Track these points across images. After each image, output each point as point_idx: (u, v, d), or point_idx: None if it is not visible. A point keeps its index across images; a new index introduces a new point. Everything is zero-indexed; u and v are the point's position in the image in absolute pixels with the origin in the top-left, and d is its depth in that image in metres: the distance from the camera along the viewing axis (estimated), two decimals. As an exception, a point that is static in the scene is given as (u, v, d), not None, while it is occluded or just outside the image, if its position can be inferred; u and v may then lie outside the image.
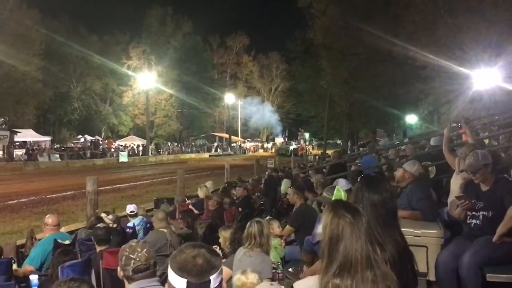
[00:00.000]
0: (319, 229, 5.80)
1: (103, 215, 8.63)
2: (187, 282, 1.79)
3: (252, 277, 3.76)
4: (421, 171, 5.73)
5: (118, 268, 3.15)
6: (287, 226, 6.47)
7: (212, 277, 1.81)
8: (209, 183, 12.54)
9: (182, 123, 68.46)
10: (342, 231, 2.28)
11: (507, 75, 18.37)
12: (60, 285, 2.56)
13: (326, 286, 2.26)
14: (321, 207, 6.23)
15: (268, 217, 6.15)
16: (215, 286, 1.82)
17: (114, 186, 22.47)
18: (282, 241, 5.80)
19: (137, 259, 3.04)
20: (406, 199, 5.36)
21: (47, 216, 6.83)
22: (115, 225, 7.77)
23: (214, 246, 5.50)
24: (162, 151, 58.65)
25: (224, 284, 1.93)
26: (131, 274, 3.03)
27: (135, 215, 8.94)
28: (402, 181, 5.65)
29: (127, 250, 3.13)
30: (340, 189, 5.50)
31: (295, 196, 7.01)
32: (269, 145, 79.24)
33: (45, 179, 27.21)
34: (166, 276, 1.93)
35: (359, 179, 4.31)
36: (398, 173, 5.84)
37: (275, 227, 5.66)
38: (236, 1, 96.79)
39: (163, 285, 2.94)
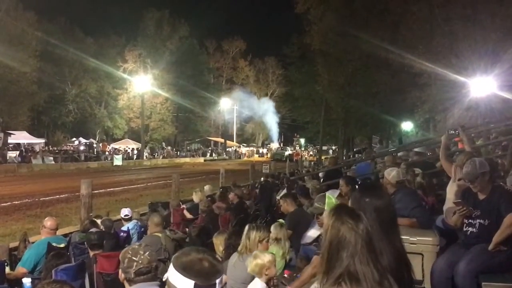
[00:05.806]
0: (311, 232, 5.78)
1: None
2: (195, 284, 1.84)
3: (268, 256, 3.84)
4: (399, 179, 5.59)
5: (120, 271, 3.16)
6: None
7: (217, 281, 1.88)
8: (207, 187, 12.51)
9: (177, 127, 68.33)
10: (343, 236, 2.26)
11: (503, 83, 18.44)
12: (43, 287, 2.57)
13: None
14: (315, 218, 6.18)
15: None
16: None
17: (108, 189, 22.29)
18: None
19: (140, 262, 3.07)
20: (398, 207, 5.33)
21: (46, 218, 6.78)
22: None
23: None
24: (157, 155, 58.51)
25: None
26: (133, 277, 3.05)
27: (129, 219, 8.89)
28: (386, 188, 5.61)
29: (130, 252, 3.16)
30: (331, 197, 5.45)
31: (285, 204, 7.03)
32: (265, 150, 79.27)
33: (38, 181, 27.00)
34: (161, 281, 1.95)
35: (356, 188, 4.26)
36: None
37: (274, 234, 5.59)
38: (233, 6, 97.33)
39: None
